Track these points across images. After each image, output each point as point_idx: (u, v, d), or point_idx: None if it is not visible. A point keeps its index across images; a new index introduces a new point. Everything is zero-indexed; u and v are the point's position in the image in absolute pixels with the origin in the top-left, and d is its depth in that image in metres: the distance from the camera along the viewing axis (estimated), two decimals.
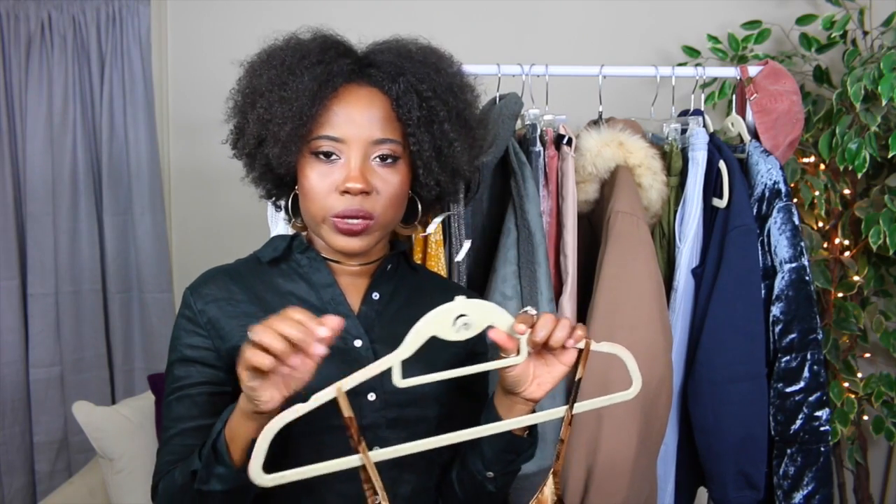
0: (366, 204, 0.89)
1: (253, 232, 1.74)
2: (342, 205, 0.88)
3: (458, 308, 0.75)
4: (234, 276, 0.96)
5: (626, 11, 2.32)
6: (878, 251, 1.89)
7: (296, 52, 0.92)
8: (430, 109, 0.92)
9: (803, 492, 1.34)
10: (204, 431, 0.86)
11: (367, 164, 0.90)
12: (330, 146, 0.89)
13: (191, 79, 2.40)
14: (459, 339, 0.75)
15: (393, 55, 0.93)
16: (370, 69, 0.93)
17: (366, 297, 0.97)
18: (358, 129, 0.89)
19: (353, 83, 0.91)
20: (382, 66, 0.92)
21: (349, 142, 0.89)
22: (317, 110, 0.88)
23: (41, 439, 2.40)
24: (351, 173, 0.88)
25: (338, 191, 0.89)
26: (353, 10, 2.20)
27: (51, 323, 2.38)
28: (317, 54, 0.91)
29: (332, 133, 0.89)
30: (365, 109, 0.90)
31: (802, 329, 1.33)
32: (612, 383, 1.22)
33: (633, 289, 1.26)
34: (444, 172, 0.95)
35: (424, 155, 0.93)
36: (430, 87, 0.92)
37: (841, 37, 2.05)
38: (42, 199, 2.34)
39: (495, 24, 2.33)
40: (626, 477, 1.22)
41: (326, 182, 0.89)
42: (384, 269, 1.00)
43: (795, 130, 1.44)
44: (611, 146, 1.33)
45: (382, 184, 0.90)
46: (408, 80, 0.91)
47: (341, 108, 0.89)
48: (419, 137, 0.92)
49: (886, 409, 2.07)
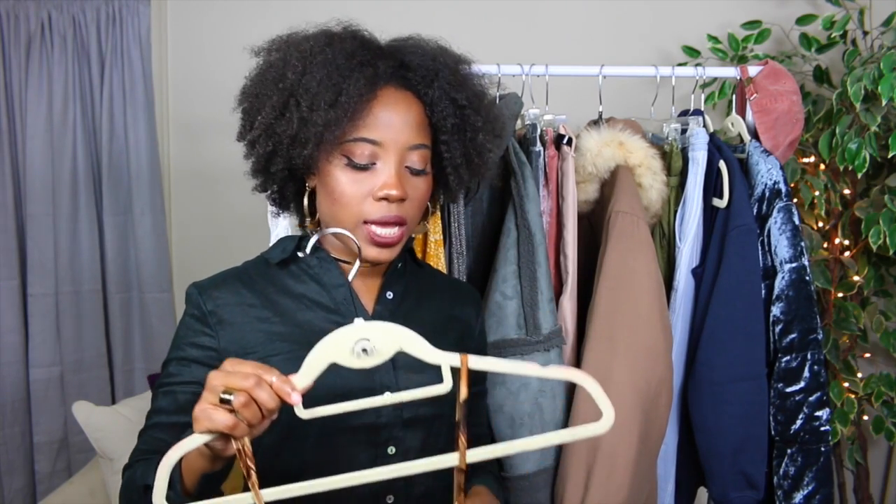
0: (401, 211, 0.88)
1: (253, 232, 1.75)
2: (379, 212, 0.86)
3: (357, 333, 0.67)
4: (245, 279, 0.94)
5: (626, 11, 2.32)
6: (878, 251, 1.89)
7: (340, 52, 0.88)
8: (463, 118, 0.91)
9: (804, 492, 1.34)
10: (178, 429, 0.84)
11: (402, 170, 0.88)
12: (367, 149, 0.86)
13: (191, 79, 2.40)
14: (364, 366, 0.68)
15: (426, 58, 0.91)
16: (406, 72, 0.91)
17: (380, 296, 0.96)
18: (396, 134, 0.87)
19: (391, 85, 0.89)
20: (417, 69, 0.91)
21: (387, 145, 0.87)
22: (361, 111, 0.86)
23: (41, 439, 2.40)
24: (389, 179, 0.86)
25: (374, 197, 0.86)
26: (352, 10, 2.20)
27: (51, 323, 2.38)
28: (361, 54, 0.88)
29: (370, 136, 0.86)
30: (404, 113, 0.88)
31: (803, 329, 1.33)
32: (613, 382, 1.22)
33: (634, 289, 1.26)
34: (472, 180, 0.95)
35: (455, 162, 0.92)
36: (464, 95, 0.91)
37: (841, 37, 2.05)
38: (42, 199, 2.34)
39: (495, 24, 2.33)
40: (626, 477, 1.22)
41: (361, 188, 0.87)
42: (396, 267, 0.99)
43: (795, 130, 1.43)
44: (611, 146, 1.33)
45: (413, 190, 0.89)
46: (441, 85, 0.90)
47: (381, 111, 0.87)
48: (451, 145, 0.91)
49: (886, 409, 2.07)
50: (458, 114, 0.91)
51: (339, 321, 0.91)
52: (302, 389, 0.68)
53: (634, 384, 1.22)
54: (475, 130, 0.92)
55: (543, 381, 1.22)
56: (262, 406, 0.66)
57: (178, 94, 2.43)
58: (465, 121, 0.92)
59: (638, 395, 1.23)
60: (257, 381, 0.66)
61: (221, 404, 0.66)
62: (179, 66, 2.41)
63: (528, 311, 1.24)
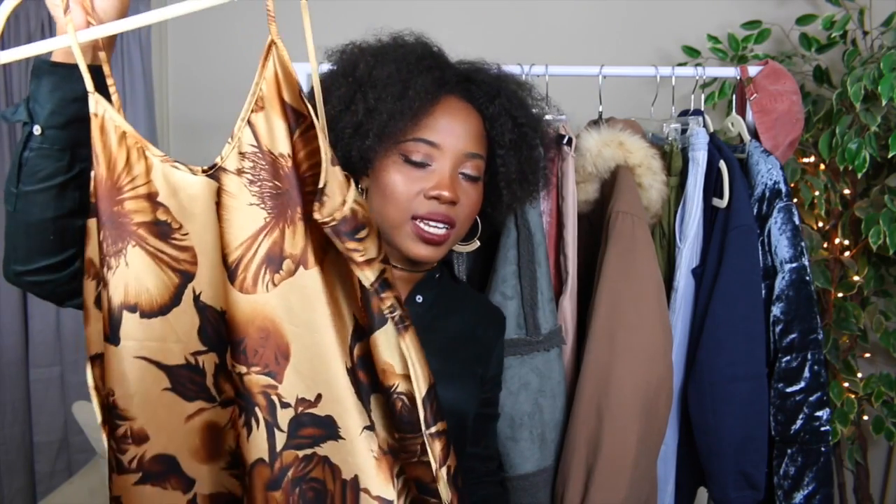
0: (451, 212, 0.90)
1: None
2: (428, 208, 0.89)
3: None
4: None
5: (626, 11, 2.32)
6: (878, 251, 1.89)
7: (412, 52, 0.93)
8: (521, 135, 0.95)
9: (804, 492, 1.34)
10: None
11: (456, 175, 0.91)
12: (425, 151, 0.90)
13: (191, 79, 2.40)
14: None
15: (491, 77, 0.96)
16: (470, 85, 0.95)
17: (409, 298, 0.98)
18: (455, 140, 0.90)
19: (455, 95, 0.93)
20: (482, 84, 0.95)
21: (445, 149, 0.90)
22: (424, 112, 0.89)
23: (41, 439, 2.40)
24: (443, 181, 0.89)
25: (425, 196, 0.89)
26: (353, 10, 2.20)
27: (51, 323, 2.38)
28: (430, 59, 0.93)
29: (430, 137, 0.90)
30: (463, 122, 0.92)
31: (803, 329, 1.33)
32: (613, 382, 1.22)
33: (634, 289, 1.26)
34: (525, 196, 0.99)
35: (510, 176, 0.95)
36: (523, 113, 0.95)
37: (841, 37, 2.05)
38: None
39: (495, 24, 2.33)
40: (626, 477, 1.22)
41: (414, 186, 0.90)
42: (432, 275, 1.01)
43: (795, 130, 1.43)
44: (611, 146, 1.33)
45: (465, 197, 0.92)
46: (503, 102, 0.94)
47: (443, 116, 0.91)
48: (507, 160, 0.94)
49: (886, 409, 2.07)
50: (515, 130, 0.94)
51: None
52: None
53: (634, 384, 1.22)
54: (531, 148, 0.96)
55: (543, 382, 1.22)
56: None
57: (178, 94, 2.43)
58: (523, 138, 0.95)
59: (638, 395, 1.23)
60: None
61: None
62: (179, 66, 2.41)
63: (528, 311, 1.24)
